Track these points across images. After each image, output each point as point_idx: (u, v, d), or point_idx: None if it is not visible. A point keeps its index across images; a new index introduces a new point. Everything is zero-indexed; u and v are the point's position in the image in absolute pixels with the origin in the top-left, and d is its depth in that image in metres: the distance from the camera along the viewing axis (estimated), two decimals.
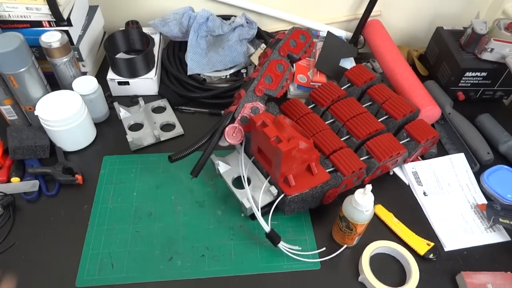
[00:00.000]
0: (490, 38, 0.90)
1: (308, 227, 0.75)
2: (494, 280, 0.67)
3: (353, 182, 0.75)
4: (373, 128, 0.77)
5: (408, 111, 0.80)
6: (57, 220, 0.74)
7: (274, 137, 0.64)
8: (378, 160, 0.74)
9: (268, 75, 0.73)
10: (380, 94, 0.83)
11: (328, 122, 0.81)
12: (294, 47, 0.76)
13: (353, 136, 0.77)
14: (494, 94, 1.00)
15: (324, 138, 0.76)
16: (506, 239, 0.75)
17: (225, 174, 0.75)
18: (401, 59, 0.99)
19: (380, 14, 1.15)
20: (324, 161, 0.74)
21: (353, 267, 0.70)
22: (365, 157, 0.76)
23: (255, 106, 0.72)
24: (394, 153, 0.74)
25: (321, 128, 0.78)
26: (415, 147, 0.77)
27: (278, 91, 0.75)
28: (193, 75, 0.97)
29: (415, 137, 0.77)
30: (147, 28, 1.04)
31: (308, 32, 0.78)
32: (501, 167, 0.84)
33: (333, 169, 0.73)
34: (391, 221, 0.75)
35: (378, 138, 0.76)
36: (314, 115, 0.81)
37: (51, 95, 0.81)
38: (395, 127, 0.80)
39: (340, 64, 1.03)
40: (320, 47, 1.05)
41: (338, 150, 0.74)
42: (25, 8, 0.84)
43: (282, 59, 0.75)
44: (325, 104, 0.83)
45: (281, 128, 0.65)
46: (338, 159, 0.72)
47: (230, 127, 0.70)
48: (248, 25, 1.02)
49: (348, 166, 0.71)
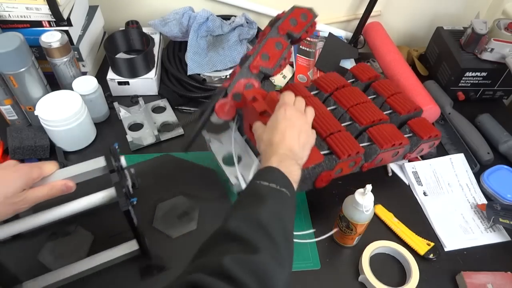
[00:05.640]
0: (490, 38, 0.90)
1: (308, 227, 0.75)
2: (494, 280, 0.67)
3: (349, 167, 0.72)
4: (377, 117, 0.75)
5: (412, 109, 0.79)
6: None
7: (262, 110, 0.62)
8: (380, 147, 0.71)
9: (265, 52, 0.71)
10: (386, 88, 0.82)
11: (330, 108, 0.79)
12: (294, 26, 0.73)
13: (356, 122, 0.75)
14: (494, 94, 1.00)
15: (322, 120, 0.74)
16: (506, 239, 0.75)
17: (216, 151, 0.74)
18: (401, 59, 0.99)
19: (380, 14, 1.15)
20: (320, 143, 0.71)
21: (353, 267, 0.70)
22: (366, 143, 0.74)
23: (249, 83, 0.69)
24: (397, 142, 0.72)
25: (320, 111, 0.76)
26: (417, 143, 0.76)
27: (275, 70, 0.72)
28: (193, 75, 0.97)
29: (418, 133, 0.76)
30: (147, 28, 1.04)
31: (310, 11, 0.75)
32: (501, 167, 0.84)
33: (328, 151, 0.70)
34: (391, 221, 0.75)
35: (381, 126, 0.75)
36: (314, 98, 0.79)
37: (51, 95, 0.81)
38: (398, 122, 0.79)
39: (340, 65, 1.03)
40: (320, 47, 1.05)
41: (336, 133, 0.72)
42: (25, 8, 0.84)
43: (281, 37, 0.72)
44: (329, 90, 0.81)
45: (272, 104, 0.63)
46: (335, 141, 0.70)
47: (222, 102, 0.68)
48: (248, 25, 1.02)
49: (345, 149, 0.69)
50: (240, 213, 0.46)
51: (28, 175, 0.52)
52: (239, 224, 0.44)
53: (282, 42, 0.72)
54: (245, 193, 0.51)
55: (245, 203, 0.49)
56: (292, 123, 0.57)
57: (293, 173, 0.54)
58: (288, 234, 0.47)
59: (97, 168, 0.58)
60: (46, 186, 0.53)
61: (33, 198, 0.52)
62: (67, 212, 0.55)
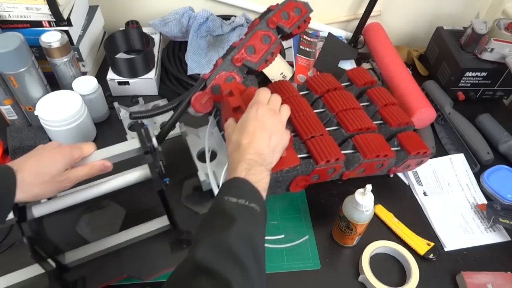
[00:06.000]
0: (490, 38, 0.90)
1: (308, 227, 0.75)
2: (494, 280, 0.67)
3: (328, 173, 0.68)
4: (366, 125, 0.72)
5: (404, 122, 0.76)
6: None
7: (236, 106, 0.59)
8: (363, 156, 0.68)
9: (251, 45, 0.67)
10: (381, 97, 0.79)
11: (318, 111, 0.75)
12: (286, 20, 0.69)
13: (343, 128, 0.72)
14: (494, 94, 1.00)
15: (305, 121, 0.70)
16: (506, 239, 0.75)
17: (192, 145, 0.72)
18: (399, 61, 0.99)
19: (380, 14, 1.15)
20: (300, 145, 0.68)
21: (353, 267, 0.70)
22: (349, 151, 0.70)
23: (230, 76, 0.66)
24: (382, 153, 0.69)
25: (305, 112, 0.72)
26: (404, 157, 0.73)
27: (260, 64, 0.68)
28: (193, 75, 0.97)
29: (406, 147, 0.73)
30: (147, 28, 1.04)
31: (304, 6, 0.72)
32: (501, 167, 0.84)
33: (306, 155, 0.67)
34: (391, 221, 0.75)
35: (368, 135, 0.71)
36: (302, 98, 0.75)
37: (51, 95, 0.81)
38: (387, 134, 0.76)
39: (339, 66, 1.03)
40: (320, 47, 1.05)
41: (318, 136, 0.68)
42: (25, 8, 0.84)
43: (270, 31, 0.68)
44: (319, 91, 0.77)
45: (248, 100, 0.59)
46: (315, 145, 0.66)
47: (199, 94, 0.65)
48: (248, 25, 1.02)
49: (324, 154, 0.65)
50: (209, 240, 0.44)
51: (70, 156, 0.55)
52: (208, 254, 0.43)
53: (270, 35, 0.68)
54: (213, 211, 0.49)
55: (213, 224, 0.47)
56: (263, 123, 0.54)
57: (262, 181, 0.52)
58: (259, 254, 0.46)
59: (132, 149, 0.62)
60: (86, 166, 0.57)
61: (75, 177, 0.55)
62: (106, 189, 0.60)
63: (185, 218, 0.70)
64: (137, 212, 0.73)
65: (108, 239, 0.66)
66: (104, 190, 0.60)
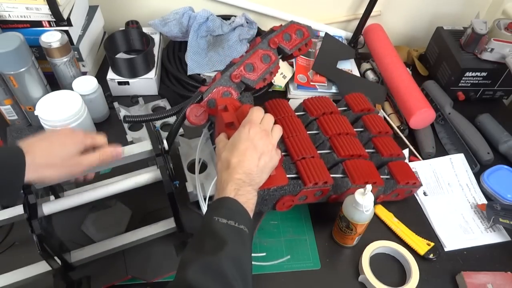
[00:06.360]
0: (490, 38, 0.90)
1: (308, 227, 0.75)
2: (494, 280, 0.67)
3: (315, 196, 0.69)
4: (357, 152, 0.72)
5: (395, 153, 0.76)
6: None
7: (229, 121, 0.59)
8: (352, 182, 0.68)
9: (250, 63, 0.68)
10: (375, 125, 0.79)
11: (311, 133, 0.76)
12: (287, 42, 0.71)
13: (334, 152, 0.72)
14: (494, 94, 1.00)
15: (298, 142, 0.71)
16: (506, 239, 0.75)
17: (183, 156, 0.73)
18: (399, 62, 0.99)
19: (380, 14, 1.15)
20: (289, 165, 0.69)
21: (353, 267, 0.70)
22: (338, 175, 0.71)
23: (227, 92, 0.67)
24: (371, 180, 0.69)
25: (298, 133, 0.73)
26: (393, 186, 0.73)
27: (258, 83, 0.69)
28: (193, 75, 0.97)
29: (396, 176, 0.73)
30: (147, 28, 1.04)
31: (307, 30, 0.73)
32: (501, 167, 0.84)
33: (295, 175, 0.67)
34: (391, 221, 0.75)
35: (358, 161, 0.72)
36: (296, 119, 0.76)
37: (51, 95, 0.81)
38: (378, 162, 0.76)
39: (337, 66, 1.03)
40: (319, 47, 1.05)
41: (308, 158, 0.69)
42: (25, 8, 0.84)
43: (270, 51, 0.70)
44: (315, 114, 0.78)
45: (241, 118, 0.59)
46: (304, 167, 0.67)
47: (194, 106, 0.65)
48: (248, 25, 1.02)
49: (312, 176, 0.66)
50: (200, 262, 0.45)
51: (82, 142, 0.56)
52: (199, 276, 0.43)
53: (270, 55, 0.70)
54: (203, 231, 0.49)
55: (204, 246, 0.47)
56: (254, 144, 0.55)
57: (250, 201, 0.53)
58: (247, 275, 0.47)
59: (143, 151, 0.63)
60: (97, 152, 0.57)
61: (87, 162, 0.56)
62: (116, 190, 0.61)
63: (191, 221, 0.71)
64: (142, 213, 0.73)
65: (114, 240, 0.67)
66: (114, 191, 0.61)
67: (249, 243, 0.50)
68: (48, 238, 0.56)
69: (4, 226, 0.71)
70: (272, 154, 0.57)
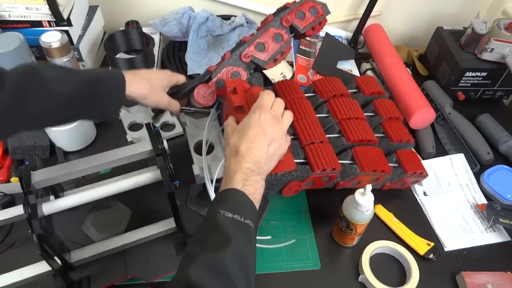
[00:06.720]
0: (490, 38, 0.90)
1: (308, 227, 0.75)
2: (494, 280, 0.67)
3: (322, 181, 0.68)
4: (367, 137, 0.71)
5: (405, 138, 0.75)
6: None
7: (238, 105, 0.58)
8: (361, 169, 0.67)
9: (261, 42, 0.65)
10: (386, 110, 0.77)
11: (321, 116, 0.74)
12: (300, 20, 0.67)
13: (344, 137, 0.71)
14: (494, 94, 1.00)
15: (307, 126, 0.68)
16: (506, 239, 0.75)
17: (189, 136, 0.72)
18: (399, 62, 0.99)
19: (380, 14, 1.15)
20: (298, 150, 0.67)
21: (353, 267, 0.70)
22: (347, 161, 0.69)
23: (236, 72, 0.64)
24: (379, 168, 0.68)
25: (308, 116, 0.70)
26: (400, 175, 0.73)
27: (269, 63, 0.67)
28: (193, 75, 0.97)
29: (404, 165, 0.73)
30: (147, 28, 1.04)
31: (322, 7, 0.69)
32: (501, 167, 0.84)
33: (303, 161, 0.66)
34: (391, 221, 0.75)
35: (368, 148, 0.70)
36: (306, 101, 0.73)
37: None
38: (387, 149, 0.75)
39: (337, 66, 1.03)
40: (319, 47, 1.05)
41: (317, 143, 0.67)
42: (25, 8, 0.84)
43: (283, 30, 0.66)
44: (326, 96, 0.76)
45: (251, 101, 0.58)
46: (313, 152, 0.65)
47: (202, 86, 0.64)
48: (248, 25, 1.02)
49: (320, 162, 0.64)
50: (203, 258, 0.44)
51: (171, 78, 0.66)
52: (202, 275, 0.42)
53: (283, 34, 0.66)
54: (208, 225, 0.48)
55: (208, 241, 0.46)
56: (264, 131, 0.54)
57: (257, 191, 0.52)
58: (250, 274, 0.46)
59: (143, 151, 0.63)
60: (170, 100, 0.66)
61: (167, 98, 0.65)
62: (116, 190, 0.62)
63: (191, 221, 0.71)
64: (142, 213, 0.73)
65: (114, 240, 0.67)
66: (114, 191, 0.62)
67: (254, 238, 0.50)
68: (48, 238, 0.56)
69: (4, 226, 0.71)
70: (281, 141, 0.57)
